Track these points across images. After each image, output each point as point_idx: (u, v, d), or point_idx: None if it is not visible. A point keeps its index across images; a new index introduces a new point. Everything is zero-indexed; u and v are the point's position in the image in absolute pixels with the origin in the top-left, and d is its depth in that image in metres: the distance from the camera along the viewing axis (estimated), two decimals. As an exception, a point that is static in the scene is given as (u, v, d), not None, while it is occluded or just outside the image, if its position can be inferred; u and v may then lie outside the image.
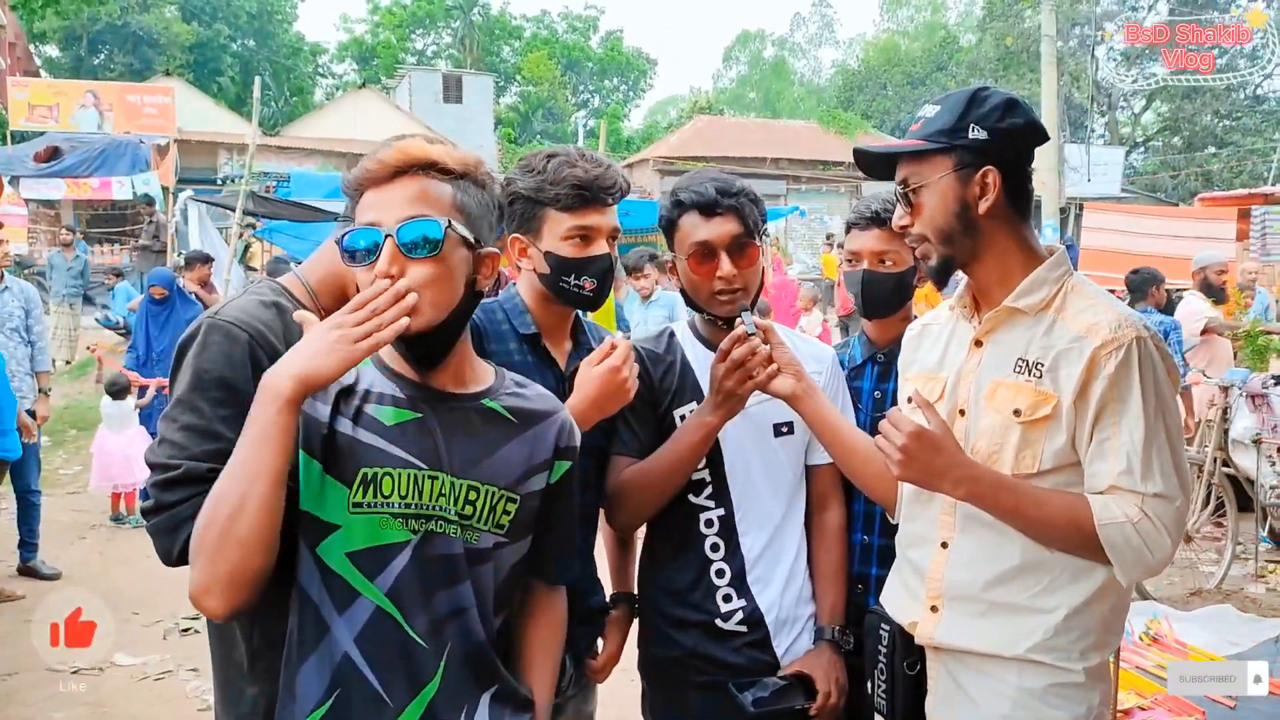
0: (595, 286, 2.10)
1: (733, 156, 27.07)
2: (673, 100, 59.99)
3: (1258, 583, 6.11)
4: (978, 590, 1.85)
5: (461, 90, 34.48)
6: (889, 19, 56.02)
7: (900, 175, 1.90)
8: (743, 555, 2.21)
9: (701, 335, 2.30)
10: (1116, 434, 1.73)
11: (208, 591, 1.41)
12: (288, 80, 47.28)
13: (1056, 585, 1.80)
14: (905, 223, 1.90)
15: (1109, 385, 1.73)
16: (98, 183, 18.81)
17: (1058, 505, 1.75)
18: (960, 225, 1.84)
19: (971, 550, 1.87)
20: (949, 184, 1.84)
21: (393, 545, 1.52)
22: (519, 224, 2.13)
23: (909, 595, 1.98)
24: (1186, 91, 33.25)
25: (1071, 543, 1.75)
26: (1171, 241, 12.44)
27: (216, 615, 1.44)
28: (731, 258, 2.13)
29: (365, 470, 1.52)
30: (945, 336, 2.01)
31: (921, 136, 1.85)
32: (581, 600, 2.19)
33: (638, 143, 42.96)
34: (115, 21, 37.31)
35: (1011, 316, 1.86)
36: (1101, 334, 1.75)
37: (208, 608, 1.44)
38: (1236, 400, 6.17)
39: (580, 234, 2.07)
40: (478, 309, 2.17)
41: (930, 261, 1.89)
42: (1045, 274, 1.85)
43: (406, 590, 1.53)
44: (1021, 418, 1.79)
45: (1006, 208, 1.84)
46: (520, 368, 2.08)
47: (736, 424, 2.18)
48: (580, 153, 2.11)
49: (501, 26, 51.99)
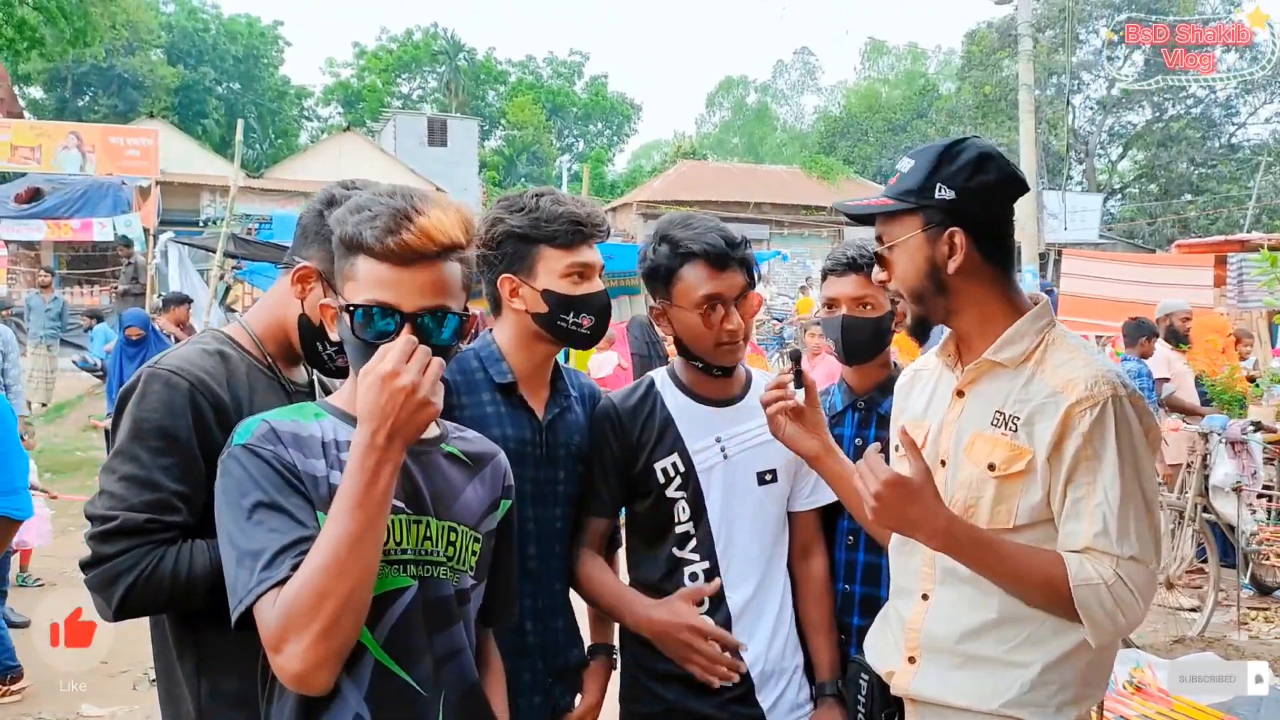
0: (593, 324, 2.09)
1: (716, 201, 27.28)
2: (656, 145, 60.66)
3: (1240, 630, 6.08)
4: (953, 643, 1.83)
5: (446, 134, 34.67)
6: (870, 67, 56.95)
7: (876, 231, 1.90)
8: (728, 608, 2.17)
9: (683, 382, 2.27)
10: (1091, 494, 1.70)
11: (320, 667, 1.35)
12: (273, 123, 47.48)
13: (1034, 639, 1.77)
14: (882, 278, 1.91)
15: (1083, 443, 1.70)
16: (79, 224, 18.75)
17: (1033, 563, 1.72)
18: (931, 285, 1.84)
19: (950, 602, 1.85)
20: (917, 244, 1.83)
21: (393, 592, 1.49)
22: (509, 263, 2.09)
23: (890, 645, 1.96)
24: (1163, 139, 33.85)
25: (1046, 601, 1.73)
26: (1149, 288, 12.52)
27: (323, 690, 1.38)
28: (739, 309, 2.13)
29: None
30: (932, 384, 2.00)
31: (892, 196, 1.84)
32: (558, 654, 2.15)
33: (622, 187, 43.29)
34: (100, 64, 37.39)
35: (992, 369, 1.84)
36: (1077, 391, 1.72)
37: (317, 684, 1.37)
38: (1216, 447, 6.18)
39: (579, 270, 2.06)
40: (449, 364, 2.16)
41: (908, 318, 1.89)
42: (1027, 326, 1.83)
43: (404, 638, 1.49)
44: (996, 472, 1.77)
45: (981, 264, 1.82)
46: (494, 419, 2.05)
47: (721, 474, 2.16)
48: (560, 193, 2.12)
49: (487, 71, 52.49)
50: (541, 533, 2.11)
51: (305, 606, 1.32)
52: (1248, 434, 6.12)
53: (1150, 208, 34.83)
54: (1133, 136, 36.84)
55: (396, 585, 1.49)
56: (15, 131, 23.13)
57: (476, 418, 2.04)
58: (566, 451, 2.16)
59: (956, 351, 1.93)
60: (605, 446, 2.22)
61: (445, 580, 1.56)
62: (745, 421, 2.22)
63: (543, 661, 2.11)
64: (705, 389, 2.24)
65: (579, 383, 2.31)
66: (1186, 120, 34.39)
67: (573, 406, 2.22)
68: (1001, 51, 32.63)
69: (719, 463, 2.19)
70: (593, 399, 2.31)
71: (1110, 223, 32.09)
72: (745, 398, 2.26)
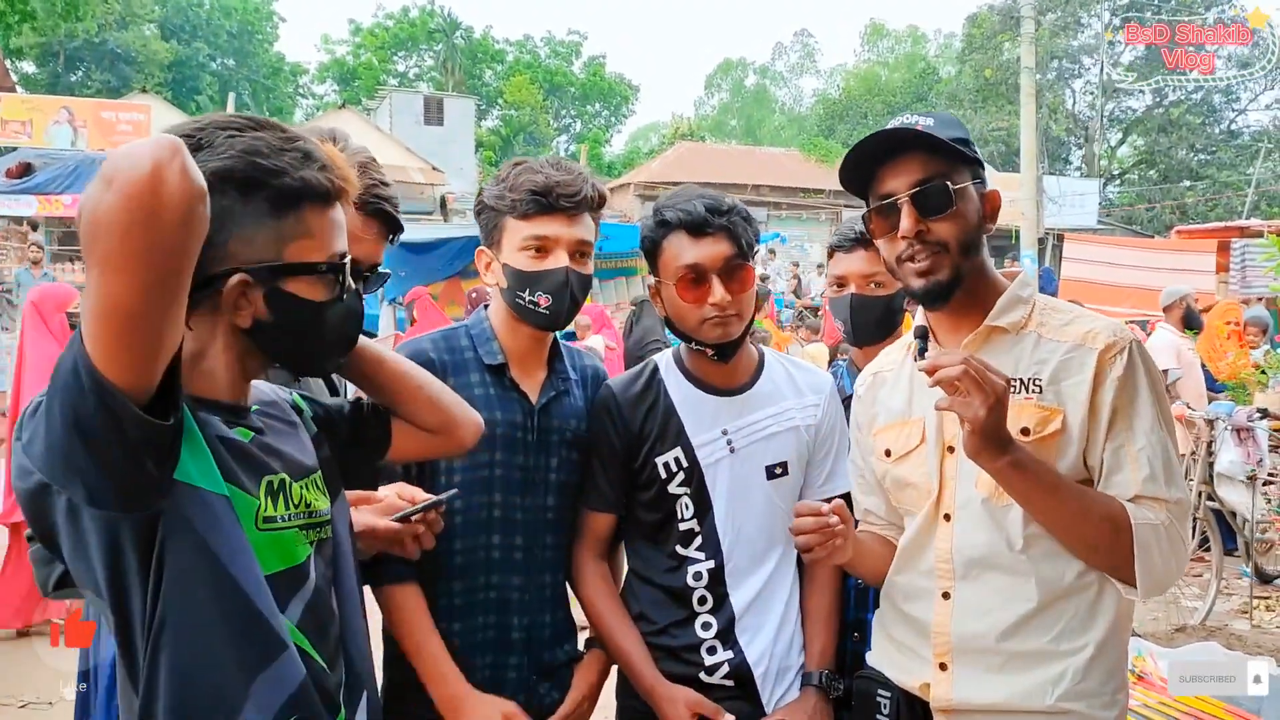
0: (551, 303, 1.94)
1: (714, 182, 27.03)
2: (654, 126, 60.40)
3: (1243, 619, 6.02)
4: (993, 641, 1.71)
5: (443, 112, 34.38)
6: (870, 49, 56.58)
7: (917, 174, 1.71)
8: (731, 608, 2.06)
9: (687, 369, 2.14)
10: (1131, 439, 1.66)
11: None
12: (267, 100, 47.11)
13: (1074, 625, 1.69)
14: (921, 228, 1.72)
15: (1118, 390, 1.66)
16: (70, 200, 18.52)
17: (1096, 497, 1.65)
18: (977, 238, 1.77)
19: (979, 597, 1.74)
20: (973, 194, 1.75)
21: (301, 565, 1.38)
22: (485, 236, 2.01)
23: (909, 654, 1.83)
24: (1163, 125, 33.73)
25: (1101, 542, 1.64)
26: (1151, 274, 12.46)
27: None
28: (724, 281, 1.97)
29: (270, 479, 1.36)
30: (906, 378, 1.90)
31: (950, 139, 1.71)
32: (544, 649, 2.03)
33: (619, 168, 43.07)
34: (93, 38, 37.04)
35: (990, 337, 1.77)
36: (1103, 338, 1.69)
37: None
38: (1222, 434, 6.10)
39: (536, 244, 1.93)
40: (436, 337, 2.05)
41: (939, 275, 1.73)
42: (1017, 293, 1.80)
43: (316, 614, 1.39)
44: (1031, 436, 1.69)
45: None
46: (483, 401, 1.95)
47: (727, 469, 2.05)
48: (553, 161, 1.98)
49: (484, 50, 52.09)
50: (530, 521, 2.00)
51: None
52: (1254, 421, 6.03)
53: (1149, 193, 34.71)
54: (1133, 122, 36.67)
55: (302, 557, 1.38)
56: (6, 105, 22.88)
57: (465, 399, 1.94)
58: (560, 438, 2.04)
59: (933, 333, 1.84)
60: (604, 438, 2.10)
61: (329, 539, 1.47)
62: (754, 411, 2.10)
63: (527, 657, 2.00)
64: (711, 376, 2.11)
65: (581, 364, 2.19)
66: (1187, 106, 34.23)
67: (571, 390, 2.10)
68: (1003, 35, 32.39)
69: (725, 457, 2.07)
70: (595, 382, 2.18)
71: (1109, 208, 32.01)
72: (755, 384, 2.13)
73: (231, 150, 1.27)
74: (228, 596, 1.24)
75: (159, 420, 1.11)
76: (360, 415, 1.65)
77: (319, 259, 1.35)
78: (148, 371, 1.10)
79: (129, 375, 1.08)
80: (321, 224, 1.36)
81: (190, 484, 1.22)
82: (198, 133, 1.28)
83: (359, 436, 1.63)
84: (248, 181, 1.28)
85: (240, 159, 1.27)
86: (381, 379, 1.62)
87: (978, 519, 1.74)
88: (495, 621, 1.96)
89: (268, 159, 1.29)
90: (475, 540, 1.94)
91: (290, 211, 1.32)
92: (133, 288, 1.06)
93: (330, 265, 1.37)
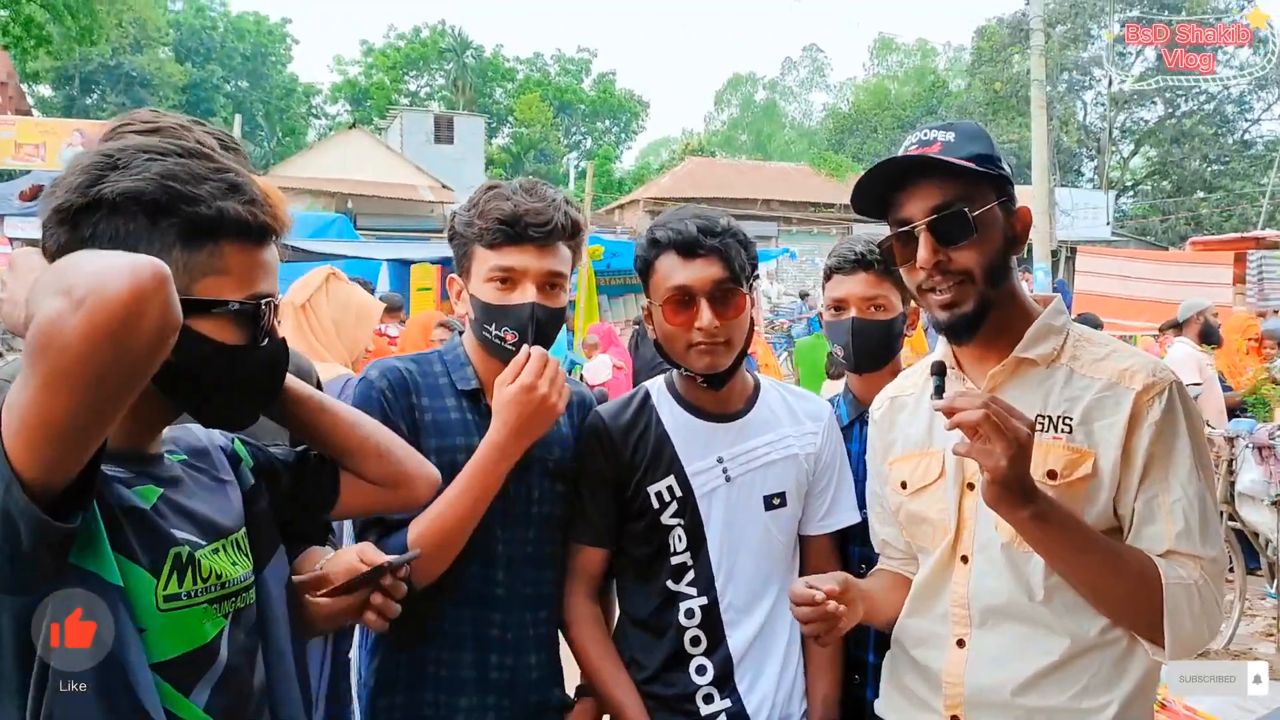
0: (517, 340, 1.84)
1: (724, 197, 27.07)
2: (664, 142, 60.55)
3: (1268, 642, 5.87)
4: (1008, 695, 1.59)
5: (453, 131, 34.55)
6: (879, 64, 56.63)
7: (934, 199, 1.60)
8: (728, 650, 1.95)
9: (680, 394, 2.04)
10: (1166, 490, 1.53)
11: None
12: (280, 121, 47.51)
13: (1098, 681, 1.57)
14: (940, 258, 1.60)
15: (1155, 435, 1.54)
16: (82, 221, 18.61)
17: (1125, 552, 1.53)
18: (1004, 263, 1.63)
19: (998, 647, 1.62)
20: (996, 216, 1.62)
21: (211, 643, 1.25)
22: (457, 263, 1.93)
23: (919, 706, 1.72)
24: (1175, 135, 33.58)
25: (1128, 600, 1.52)
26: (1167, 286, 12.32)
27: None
28: (713, 306, 1.87)
29: (178, 550, 1.23)
30: (926, 405, 1.75)
31: (964, 158, 1.58)
32: (530, 691, 1.93)
33: (629, 184, 43.10)
34: (108, 62, 37.43)
35: (1019, 369, 1.65)
36: (1141, 378, 1.56)
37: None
38: (1243, 452, 5.96)
39: (501, 276, 1.84)
40: (408, 359, 1.97)
41: (964, 308, 1.61)
42: (1049, 322, 1.67)
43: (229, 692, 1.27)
44: (1058, 480, 1.56)
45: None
46: (458, 427, 1.87)
47: (723, 499, 1.95)
48: (527, 185, 1.89)
49: (494, 68, 52.38)
50: (511, 556, 1.90)
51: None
52: (1276, 439, 5.89)
53: (1162, 205, 34.50)
54: (1145, 133, 36.50)
55: (211, 634, 1.25)
56: (20, 128, 23.06)
57: (440, 422, 1.87)
58: (542, 469, 1.94)
59: (958, 363, 1.72)
60: (593, 467, 2.00)
61: (249, 606, 1.34)
62: (751, 439, 2.00)
63: (509, 699, 1.89)
64: (705, 402, 2.01)
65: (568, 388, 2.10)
66: (1199, 117, 34.07)
67: None
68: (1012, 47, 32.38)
69: (720, 486, 1.97)
70: (582, 409, 2.09)
71: (1122, 220, 31.82)
72: (751, 411, 2.03)
73: (146, 173, 1.18)
74: (114, 684, 1.13)
75: (63, 523, 1.02)
76: (305, 466, 1.54)
77: (233, 298, 1.24)
78: (68, 472, 1.02)
79: (48, 476, 1.00)
80: (242, 261, 1.25)
81: (82, 567, 1.11)
82: (119, 154, 1.19)
83: (302, 488, 1.52)
84: (156, 206, 1.17)
85: (153, 182, 1.17)
86: (323, 428, 1.50)
87: (997, 564, 1.63)
88: (473, 658, 1.86)
89: (184, 185, 1.19)
90: (451, 571, 1.82)
91: (204, 244, 1.21)
92: (77, 408, 0.97)
93: (244, 306, 1.24)
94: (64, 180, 1.20)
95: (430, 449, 1.80)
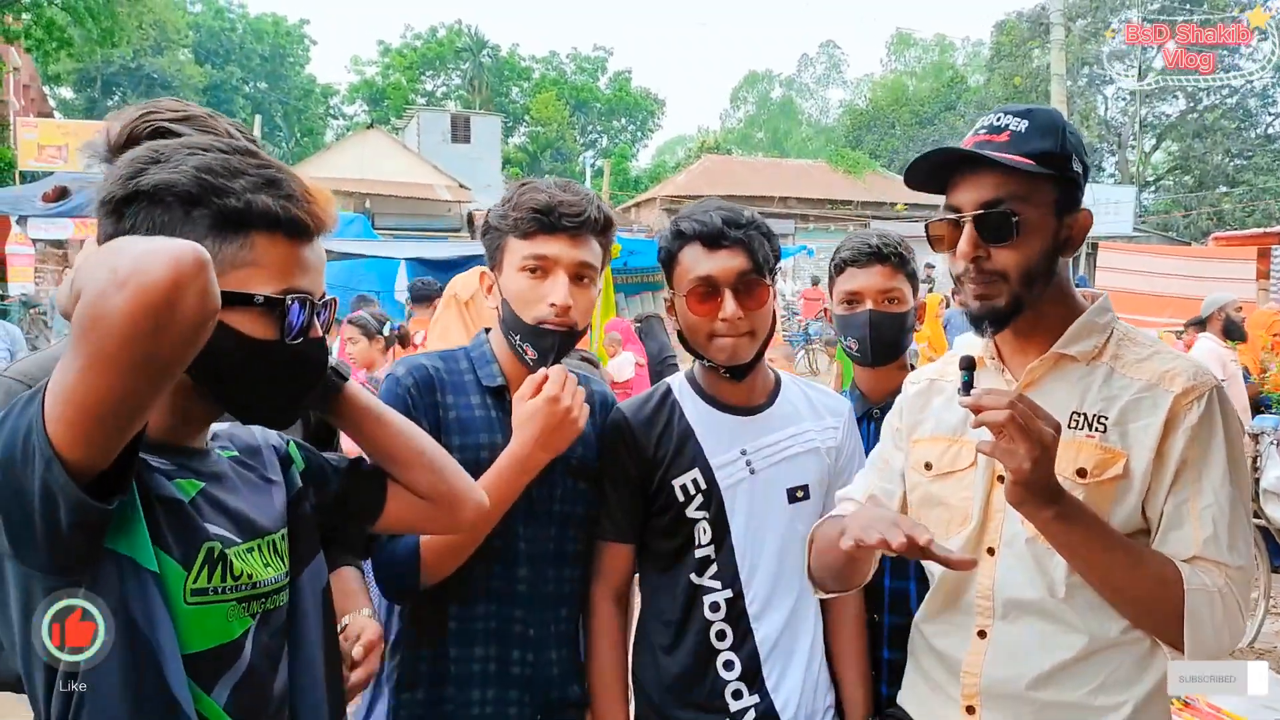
0: (537, 359, 1.86)
1: (740, 195, 27.00)
2: (680, 140, 60.52)
3: (1293, 640, 5.80)
4: (1024, 688, 1.59)
5: (470, 130, 34.66)
6: (896, 59, 56.38)
7: (985, 193, 1.58)
8: (755, 643, 1.95)
9: (702, 388, 2.05)
10: (1197, 495, 1.51)
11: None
12: (298, 122, 47.84)
13: (1117, 679, 1.56)
14: (980, 253, 1.59)
15: (1191, 439, 1.52)
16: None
17: (1148, 555, 1.51)
18: (1046, 267, 1.60)
19: (1017, 640, 1.62)
20: (1047, 218, 1.59)
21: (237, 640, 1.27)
22: (489, 257, 1.94)
23: (938, 693, 1.72)
24: (1197, 130, 33.28)
25: (1147, 604, 1.51)
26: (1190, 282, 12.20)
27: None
28: (736, 296, 1.88)
29: (210, 545, 1.25)
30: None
31: (1025, 154, 1.56)
32: (551, 686, 1.93)
33: (645, 182, 43.13)
34: (129, 64, 37.80)
35: (1059, 365, 1.64)
36: (1180, 381, 1.54)
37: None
38: (1267, 449, 5.91)
39: (533, 264, 1.84)
40: (434, 356, 1.99)
41: (995, 302, 1.60)
42: (1093, 319, 1.65)
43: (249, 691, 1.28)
44: (1088, 478, 1.55)
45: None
46: (482, 424, 1.88)
47: (746, 492, 1.95)
48: (560, 182, 1.91)
49: (511, 68, 52.53)
50: (533, 554, 1.91)
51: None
52: (1301, 435, 5.84)
53: (1185, 200, 34.21)
54: (1166, 128, 36.22)
55: (237, 633, 1.26)
56: (42, 131, 23.30)
57: (463, 419, 1.87)
58: (564, 467, 1.94)
59: (999, 354, 1.71)
60: (617, 463, 2.00)
61: (279, 609, 1.34)
62: (774, 431, 2.00)
63: (529, 694, 1.90)
64: (727, 394, 2.01)
65: (588, 389, 2.10)
66: (1221, 110, 33.74)
67: None
68: (1032, 42, 32.17)
69: (744, 478, 1.97)
70: (604, 408, 2.09)
71: (1144, 215, 31.56)
72: (773, 405, 2.04)
73: (184, 166, 1.19)
74: (146, 669, 1.15)
75: (100, 503, 1.05)
76: (356, 474, 1.55)
77: (262, 291, 1.23)
78: (108, 454, 1.04)
79: (87, 457, 1.02)
80: (273, 255, 1.24)
81: (118, 551, 1.14)
82: (165, 149, 1.21)
83: (351, 496, 1.53)
84: (189, 197, 1.19)
85: (188, 174, 1.19)
86: (381, 436, 1.51)
87: (1022, 559, 1.62)
88: (495, 654, 1.87)
89: (217, 178, 1.20)
90: (473, 569, 1.85)
91: (235, 236, 1.22)
92: (118, 389, 1.00)
93: (273, 300, 1.23)
94: (111, 173, 1.22)
95: (454, 446, 1.80)
